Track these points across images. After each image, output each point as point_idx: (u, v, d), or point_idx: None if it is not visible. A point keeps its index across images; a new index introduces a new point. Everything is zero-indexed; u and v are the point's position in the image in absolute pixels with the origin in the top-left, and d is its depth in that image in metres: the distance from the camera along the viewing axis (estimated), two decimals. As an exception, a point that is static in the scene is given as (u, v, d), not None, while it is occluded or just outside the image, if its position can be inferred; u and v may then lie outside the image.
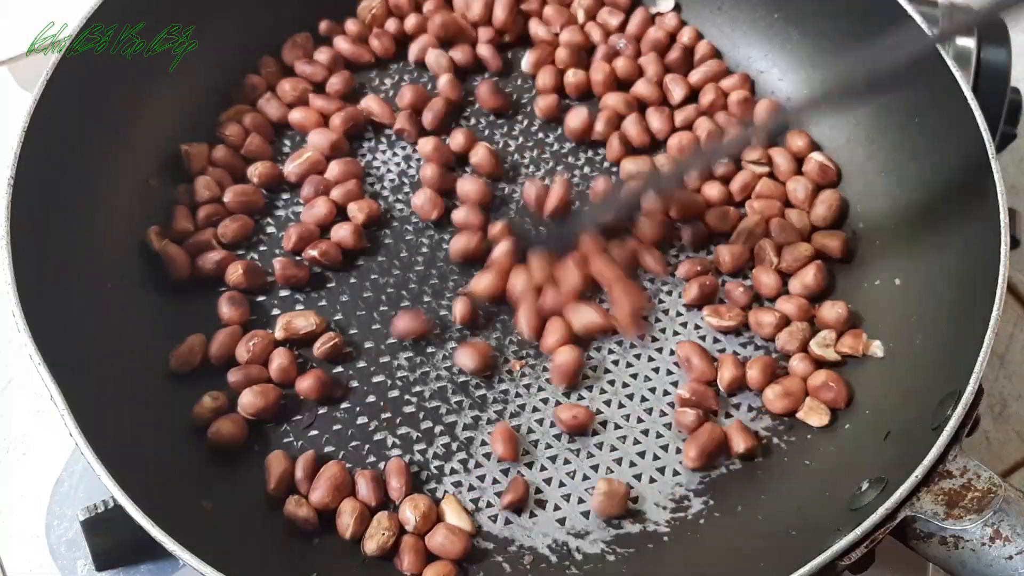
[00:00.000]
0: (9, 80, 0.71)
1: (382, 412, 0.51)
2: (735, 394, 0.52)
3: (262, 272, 0.55)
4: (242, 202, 0.57)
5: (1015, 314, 0.65)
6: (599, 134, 0.61)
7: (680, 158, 0.59)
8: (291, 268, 0.55)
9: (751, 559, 0.46)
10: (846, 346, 0.53)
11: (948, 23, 0.60)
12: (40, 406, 0.58)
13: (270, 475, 0.48)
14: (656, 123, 0.61)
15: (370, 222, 0.57)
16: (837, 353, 0.53)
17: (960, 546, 0.42)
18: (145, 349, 0.51)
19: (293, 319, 0.53)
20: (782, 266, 0.56)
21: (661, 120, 0.61)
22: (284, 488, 0.48)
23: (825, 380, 0.51)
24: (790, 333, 0.53)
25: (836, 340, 0.53)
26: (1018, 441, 0.60)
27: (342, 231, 0.56)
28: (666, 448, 0.51)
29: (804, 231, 0.57)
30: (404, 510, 0.47)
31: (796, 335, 0.53)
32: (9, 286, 0.45)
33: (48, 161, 0.50)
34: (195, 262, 0.54)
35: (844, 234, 0.57)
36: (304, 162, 0.58)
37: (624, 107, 0.61)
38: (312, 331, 0.52)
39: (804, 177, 0.59)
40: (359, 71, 0.63)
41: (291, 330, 0.52)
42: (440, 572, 0.46)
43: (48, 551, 0.51)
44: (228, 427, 0.49)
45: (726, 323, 0.54)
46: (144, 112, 0.57)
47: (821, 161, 0.59)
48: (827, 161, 0.59)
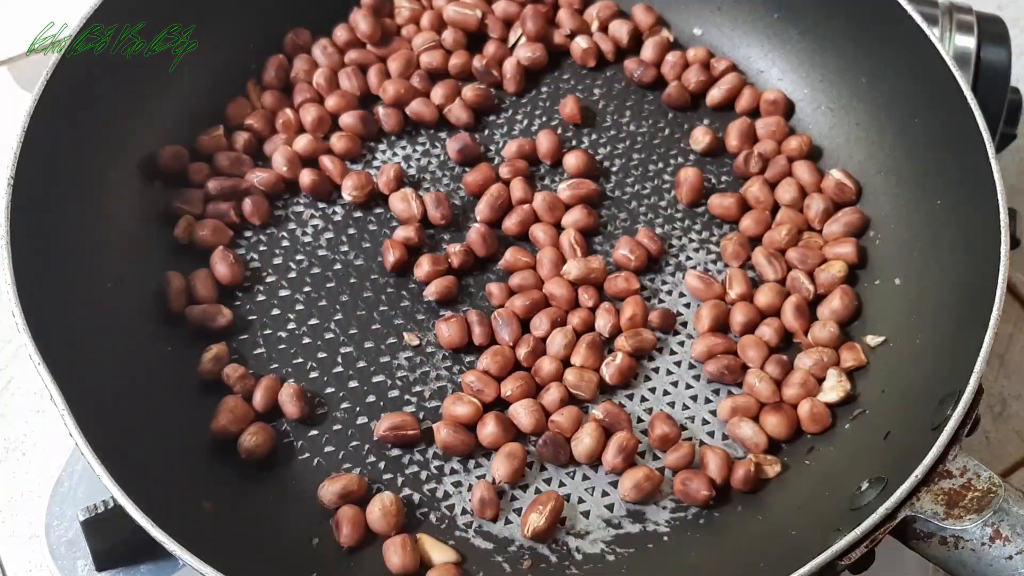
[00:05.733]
0: (9, 80, 0.71)
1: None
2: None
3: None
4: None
5: (1015, 314, 0.65)
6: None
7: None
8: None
9: (751, 559, 0.46)
10: (850, 363, 0.52)
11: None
12: (40, 406, 0.58)
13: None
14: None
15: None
16: (848, 382, 0.52)
17: (960, 546, 0.42)
18: (145, 349, 0.51)
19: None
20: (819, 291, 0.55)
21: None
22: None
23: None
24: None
25: (842, 373, 0.52)
26: (1018, 441, 0.60)
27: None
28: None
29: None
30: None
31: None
32: (9, 286, 0.45)
33: (48, 161, 0.50)
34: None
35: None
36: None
37: None
38: None
39: (821, 195, 0.58)
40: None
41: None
42: (441, 573, 0.46)
43: (48, 551, 0.51)
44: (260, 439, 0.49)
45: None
46: (144, 112, 0.57)
47: (839, 179, 0.58)
48: (846, 179, 0.58)
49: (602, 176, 0.60)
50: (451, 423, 0.50)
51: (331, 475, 0.49)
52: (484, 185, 0.58)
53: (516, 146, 0.60)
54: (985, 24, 0.60)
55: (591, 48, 0.64)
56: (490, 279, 0.56)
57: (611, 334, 0.53)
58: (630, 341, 0.53)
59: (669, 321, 0.54)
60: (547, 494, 0.48)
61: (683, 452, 0.49)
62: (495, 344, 0.53)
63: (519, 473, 0.49)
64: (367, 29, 0.63)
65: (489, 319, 0.54)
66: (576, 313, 0.54)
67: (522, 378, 0.51)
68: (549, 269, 0.55)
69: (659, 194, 0.60)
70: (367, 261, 0.56)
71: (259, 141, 0.60)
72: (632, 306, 0.54)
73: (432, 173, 0.60)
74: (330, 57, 0.63)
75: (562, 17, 0.65)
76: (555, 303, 0.54)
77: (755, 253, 0.56)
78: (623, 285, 0.55)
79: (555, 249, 0.56)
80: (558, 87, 0.64)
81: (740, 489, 0.49)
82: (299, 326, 0.54)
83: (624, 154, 0.61)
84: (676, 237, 0.58)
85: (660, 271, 0.57)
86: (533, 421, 0.50)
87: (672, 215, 0.59)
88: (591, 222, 0.57)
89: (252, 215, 0.57)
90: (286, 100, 0.61)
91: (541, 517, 0.47)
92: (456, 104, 0.61)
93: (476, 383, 0.51)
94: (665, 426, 0.50)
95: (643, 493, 0.48)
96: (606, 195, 0.59)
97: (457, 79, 0.63)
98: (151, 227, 0.55)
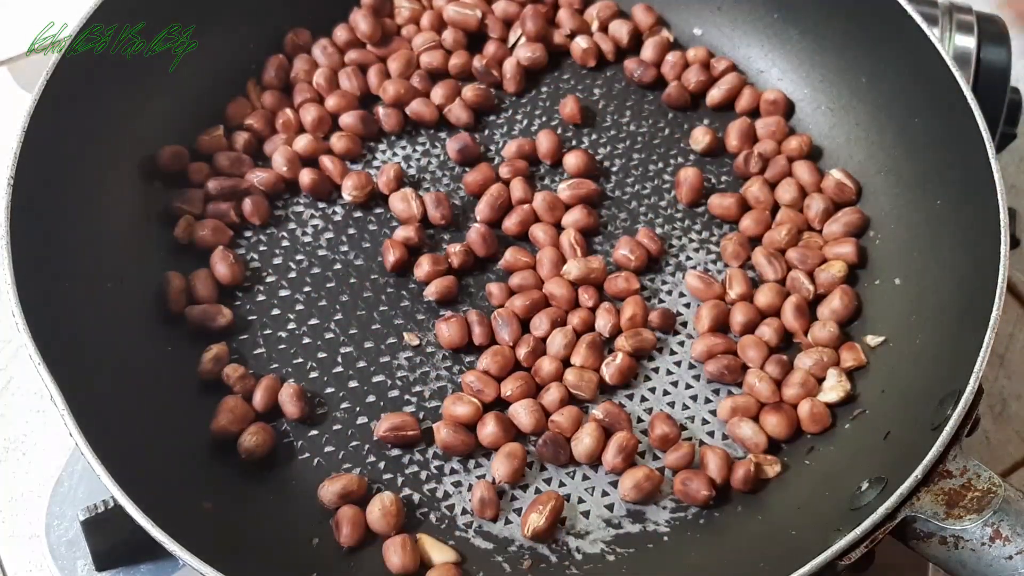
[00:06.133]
0: (9, 80, 0.71)
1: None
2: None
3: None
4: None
5: (1015, 314, 0.65)
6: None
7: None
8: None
9: (751, 559, 0.46)
10: (850, 363, 0.52)
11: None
12: (40, 406, 0.58)
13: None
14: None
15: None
16: (848, 381, 0.52)
17: (960, 546, 0.42)
18: (145, 349, 0.51)
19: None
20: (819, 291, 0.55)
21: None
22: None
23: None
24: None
25: (842, 373, 0.52)
26: (1018, 441, 0.60)
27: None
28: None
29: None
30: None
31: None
32: (9, 286, 0.45)
33: (48, 161, 0.50)
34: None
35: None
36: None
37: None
38: None
39: (821, 195, 0.58)
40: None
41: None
42: (441, 573, 0.46)
43: (48, 551, 0.51)
44: (260, 439, 0.49)
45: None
46: (144, 112, 0.57)
47: (839, 179, 0.58)
48: (846, 179, 0.58)
49: (602, 176, 0.60)
50: (451, 423, 0.50)
51: (331, 475, 0.49)
52: (484, 185, 0.58)
53: (516, 146, 0.60)
54: (985, 24, 0.60)
55: (591, 48, 0.64)
56: (490, 279, 0.56)
57: (611, 334, 0.53)
58: (630, 341, 0.53)
59: (669, 321, 0.54)
60: (547, 494, 0.48)
61: (683, 452, 0.49)
62: (495, 344, 0.53)
63: (519, 473, 0.49)
64: (367, 29, 0.63)
65: (489, 319, 0.54)
66: (576, 313, 0.54)
67: (522, 378, 0.51)
68: (549, 269, 0.55)
69: (659, 194, 0.60)
70: (367, 261, 0.56)
71: (259, 141, 0.60)
72: (632, 306, 0.54)
73: (432, 173, 0.60)
74: (330, 57, 0.63)
75: (562, 17, 0.65)
76: (555, 303, 0.54)
77: (755, 253, 0.56)
78: (623, 285, 0.55)
79: (555, 249, 0.56)
80: (558, 87, 0.64)
81: (740, 489, 0.49)
82: (299, 326, 0.54)
83: (624, 154, 0.61)
84: (676, 237, 0.58)
85: (660, 271, 0.57)
86: (533, 421, 0.50)
87: (672, 215, 0.59)
88: (591, 222, 0.57)
89: (252, 215, 0.57)
90: (286, 100, 0.61)
91: (541, 517, 0.47)
92: (456, 104, 0.61)
93: (476, 383, 0.51)
94: (665, 426, 0.50)
95: (643, 493, 0.48)
96: (606, 195, 0.59)
97: (457, 79, 0.63)
98: (151, 227, 0.55)
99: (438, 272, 0.55)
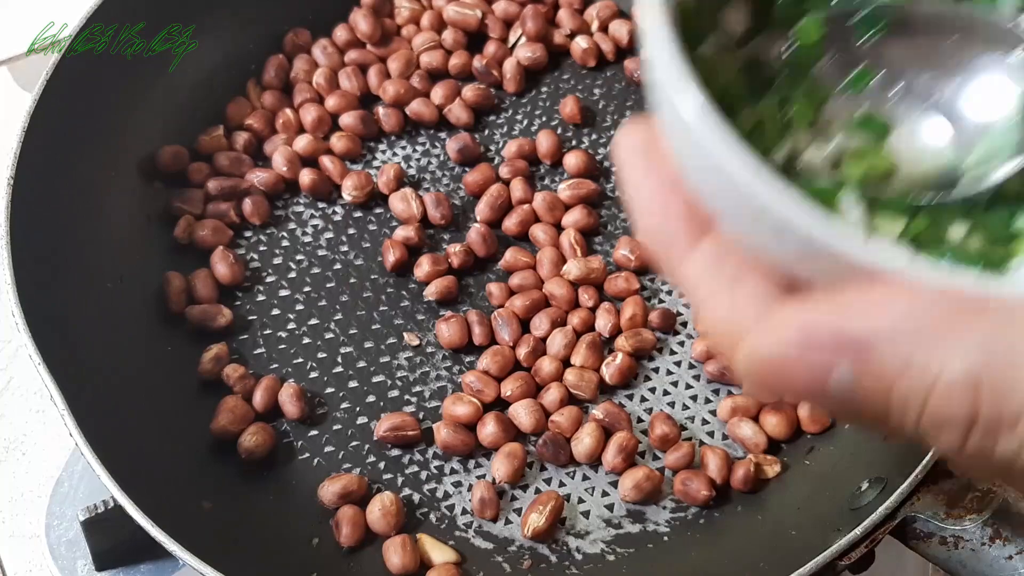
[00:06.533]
0: (9, 80, 0.71)
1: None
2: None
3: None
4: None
5: (1015, 314, 0.65)
6: None
7: None
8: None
9: (751, 559, 0.46)
10: None
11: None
12: (40, 406, 0.58)
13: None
14: None
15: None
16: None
17: (960, 546, 0.42)
18: (145, 349, 0.51)
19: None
20: None
21: None
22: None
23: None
24: None
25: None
26: (1018, 441, 0.60)
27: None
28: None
29: None
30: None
31: None
32: (9, 286, 0.45)
33: (48, 161, 0.50)
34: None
35: None
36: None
37: None
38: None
39: None
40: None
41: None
42: (441, 573, 0.46)
43: (48, 551, 0.51)
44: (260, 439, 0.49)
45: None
46: (144, 112, 0.57)
47: None
48: None
49: (602, 176, 0.60)
50: (451, 423, 0.50)
51: (331, 475, 0.49)
52: (484, 185, 0.58)
53: (516, 146, 0.60)
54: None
55: (591, 48, 0.64)
56: (490, 279, 0.56)
57: (611, 334, 0.53)
58: (630, 341, 0.53)
59: (669, 321, 0.54)
60: (547, 494, 0.48)
61: (683, 452, 0.49)
62: (495, 344, 0.53)
63: (519, 473, 0.49)
64: (367, 29, 0.63)
65: (489, 319, 0.54)
66: (576, 313, 0.54)
67: (522, 378, 0.51)
68: (549, 269, 0.55)
69: (659, 194, 0.60)
70: (367, 261, 0.56)
71: (259, 141, 0.60)
72: (632, 306, 0.54)
73: (432, 173, 0.60)
74: (330, 57, 0.63)
75: (562, 17, 0.65)
76: (555, 303, 0.54)
77: None
78: (623, 285, 0.55)
79: (555, 249, 0.56)
80: (558, 87, 0.64)
81: (740, 489, 0.49)
82: (299, 326, 0.54)
83: (624, 154, 0.61)
84: (676, 237, 0.58)
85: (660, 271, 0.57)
86: (533, 421, 0.50)
87: (672, 215, 0.59)
88: (591, 222, 0.57)
89: (252, 215, 0.57)
90: (286, 100, 0.61)
91: (541, 517, 0.47)
92: (456, 104, 0.61)
93: (476, 383, 0.51)
94: (665, 426, 0.50)
95: (643, 493, 0.48)
96: (606, 195, 0.59)
97: (457, 79, 0.63)
98: (151, 227, 0.55)
99: (438, 272, 0.55)
